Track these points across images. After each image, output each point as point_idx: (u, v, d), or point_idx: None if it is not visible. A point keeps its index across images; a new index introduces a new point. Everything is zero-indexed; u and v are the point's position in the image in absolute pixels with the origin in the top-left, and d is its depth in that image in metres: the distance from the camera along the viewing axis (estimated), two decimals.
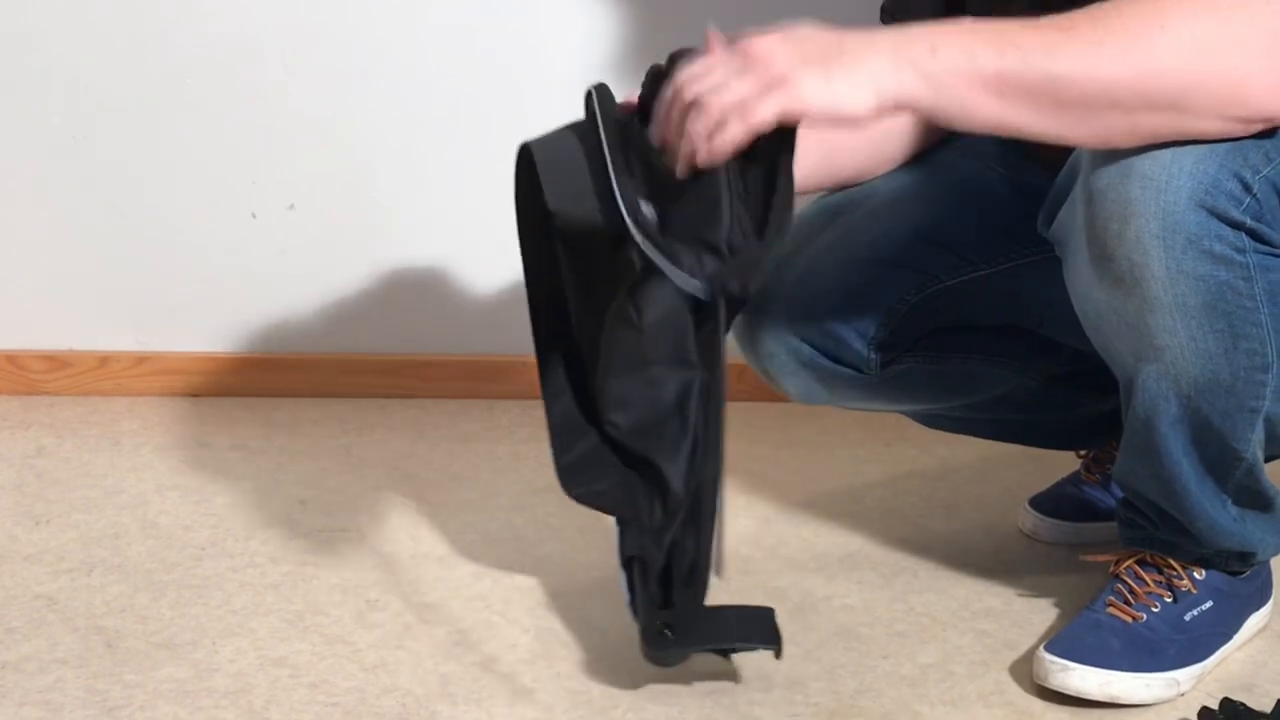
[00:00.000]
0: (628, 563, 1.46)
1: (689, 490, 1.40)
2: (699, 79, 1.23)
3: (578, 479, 1.47)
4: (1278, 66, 1.22)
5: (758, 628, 1.44)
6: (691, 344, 1.34)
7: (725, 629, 1.44)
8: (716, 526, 1.35)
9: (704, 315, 1.30)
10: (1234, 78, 1.22)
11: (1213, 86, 1.23)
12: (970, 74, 1.21)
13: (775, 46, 1.21)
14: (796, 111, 1.20)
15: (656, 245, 1.26)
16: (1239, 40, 1.21)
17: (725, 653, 1.46)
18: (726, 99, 1.21)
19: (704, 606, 1.43)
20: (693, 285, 1.25)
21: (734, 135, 1.21)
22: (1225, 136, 1.26)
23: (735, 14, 1.36)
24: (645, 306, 1.33)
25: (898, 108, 1.22)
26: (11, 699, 1.45)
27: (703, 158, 1.23)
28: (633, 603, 1.46)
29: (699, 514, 1.39)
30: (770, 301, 1.59)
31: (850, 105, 1.21)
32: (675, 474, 1.40)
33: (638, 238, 1.26)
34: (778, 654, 1.44)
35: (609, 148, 1.29)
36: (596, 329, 1.41)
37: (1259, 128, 1.26)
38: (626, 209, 1.27)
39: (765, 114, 1.20)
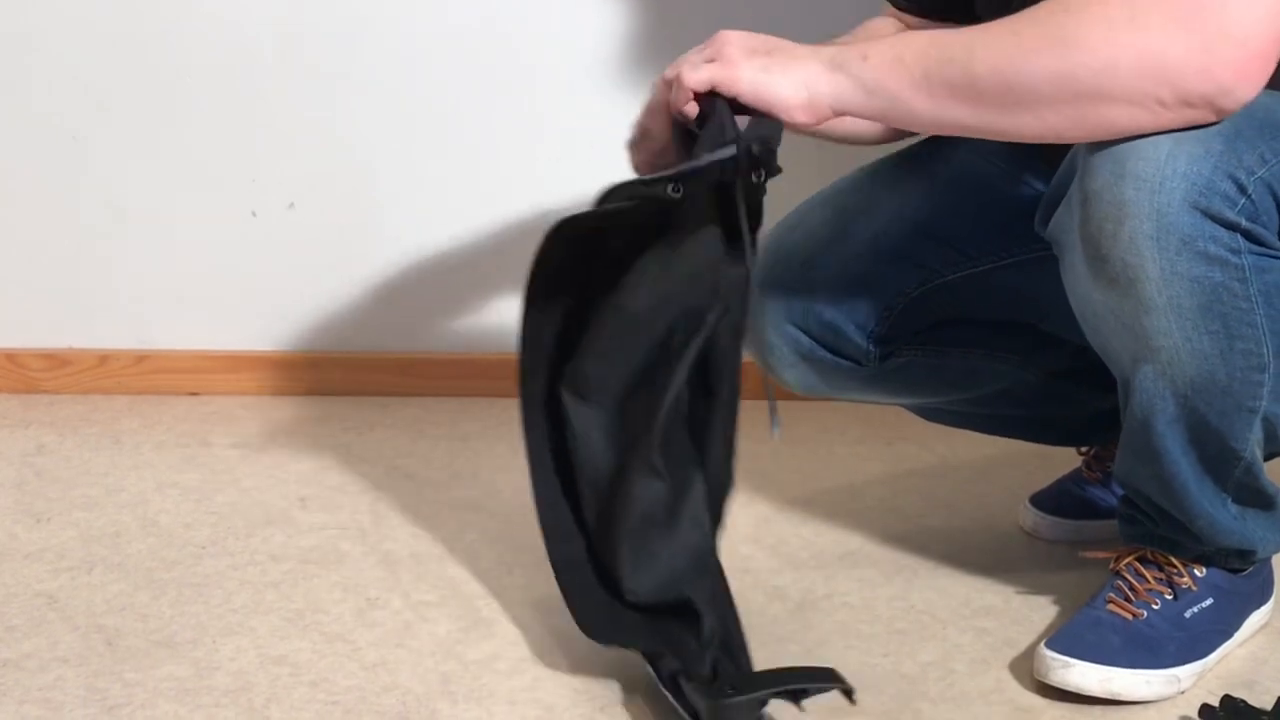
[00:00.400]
0: (670, 680, 1.41)
1: (718, 608, 1.41)
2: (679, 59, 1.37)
3: (603, 635, 1.47)
4: (1193, 43, 1.21)
5: (822, 673, 1.39)
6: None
7: (788, 676, 1.39)
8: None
9: (733, 255, 1.35)
10: (1144, 55, 1.22)
11: (1123, 66, 1.22)
12: (898, 76, 1.29)
13: (735, 36, 1.35)
14: (727, 84, 1.32)
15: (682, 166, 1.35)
16: (1148, 19, 1.21)
17: (796, 696, 1.37)
18: (683, 67, 1.36)
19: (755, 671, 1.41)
20: (723, 153, 1.32)
21: (682, 92, 1.35)
22: (1161, 127, 1.25)
23: (736, 14, 1.37)
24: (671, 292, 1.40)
25: (835, 110, 1.32)
26: (12, 697, 1.45)
27: (672, 108, 1.37)
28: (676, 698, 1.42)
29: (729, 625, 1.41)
30: (770, 294, 1.59)
31: (779, 96, 1.31)
32: (704, 605, 1.41)
33: (669, 173, 1.34)
34: (851, 696, 1.36)
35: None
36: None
37: (1207, 115, 1.24)
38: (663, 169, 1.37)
39: (701, 77, 1.33)
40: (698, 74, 1.34)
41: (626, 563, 1.44)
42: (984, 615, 1.61)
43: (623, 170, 1.44)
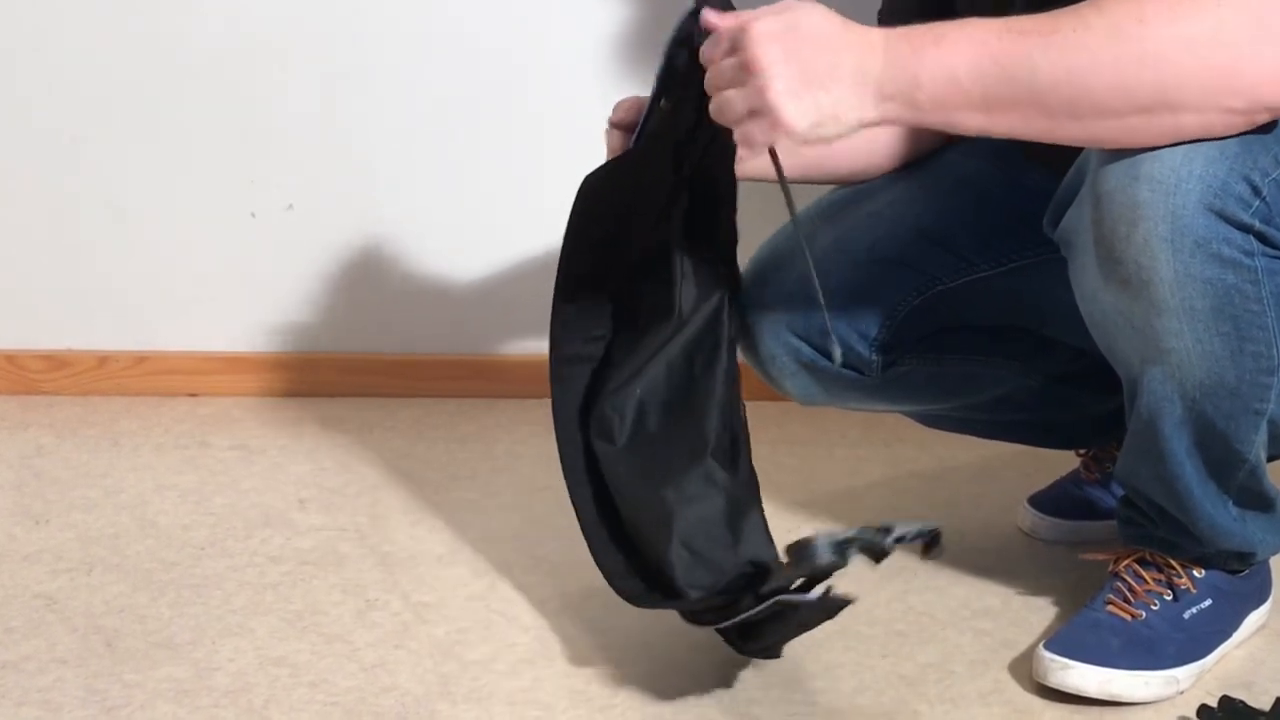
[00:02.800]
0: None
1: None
2: (711, 67, 1.28)
3: (648, 602, 1.46)
4: (1268, 53, 1.20)
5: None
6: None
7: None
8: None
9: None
10: (1223, 68, 1.21)
11: (1201, 80, 1.21)
12: (954, 98, 1.23)
13: (774, 62, 1.23)
14: (782, 137, 1.25)
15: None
16: (1224, 28, 1.20)
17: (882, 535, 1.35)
18: (729, 114, 1.26)
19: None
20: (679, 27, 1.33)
21: (745, 147, 1.29)
22: (1230, 131, 1.25)
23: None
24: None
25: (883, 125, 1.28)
26: (11, 698, 1.45)
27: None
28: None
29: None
30: (770, 303, 1.59)
31: (832, 133, 1.25)
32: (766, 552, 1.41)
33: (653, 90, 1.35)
34: (938, 540, 1.33)
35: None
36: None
37: (1265, 118, 1.24)
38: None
39: (761, 142, 1.26)
40: (759, 138, 1.26)
41: (677, 567, 1.43)
42: (983, 616, 1.61)
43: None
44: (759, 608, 1.37)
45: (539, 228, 2.24)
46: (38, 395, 2.27)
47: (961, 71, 1.23)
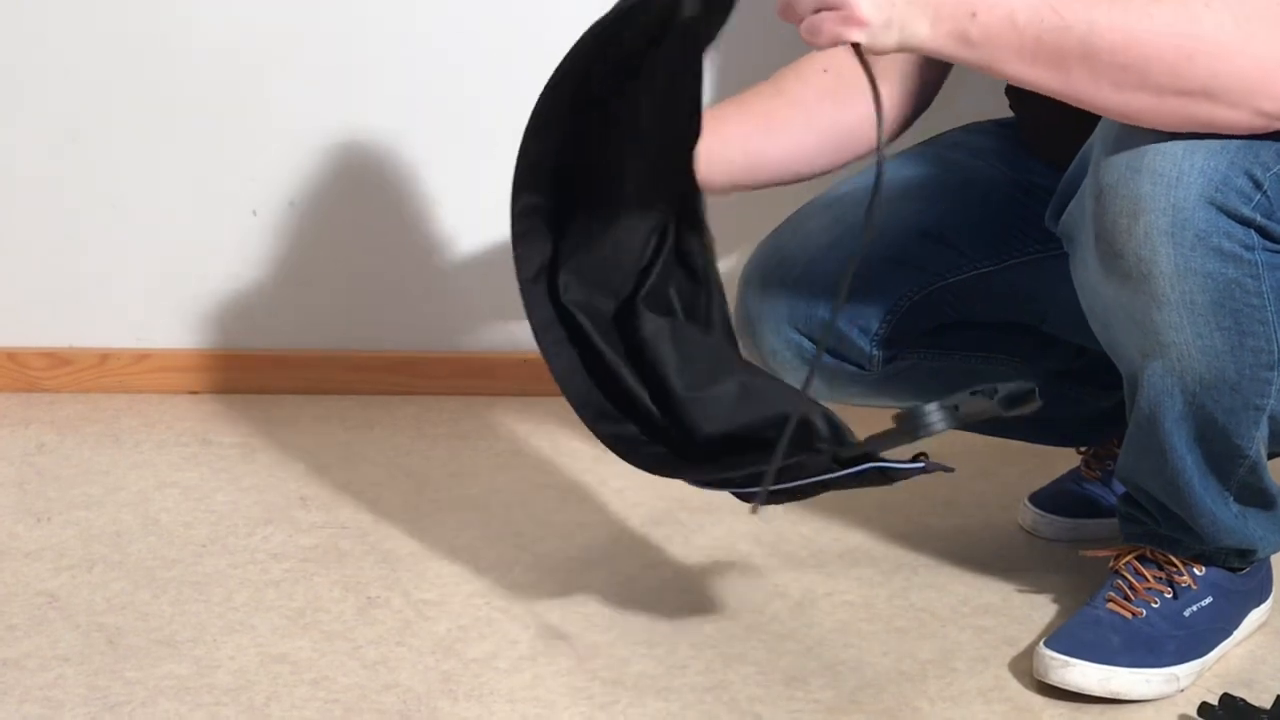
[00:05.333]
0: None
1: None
2: None
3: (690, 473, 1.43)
4: None
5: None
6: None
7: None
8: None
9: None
10: (1271, 69, 1.21)
11: (1250, 77, 1.21)
12: (1008, 41, 1.22)
13: None
14: (855, 32, 1.23)
15: None
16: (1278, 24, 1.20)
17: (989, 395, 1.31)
18: (799, 8, 1.25)
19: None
20: None
21: (809, 41, 1.26)
22: (1250, 131, 1.25)
23: (740, 13, 1.36)
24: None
25: (908, 50, 1.26)
26: (13, 696, 1.45)
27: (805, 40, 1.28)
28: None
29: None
30: (772, 298, 1.59)
31: (893, 42, 1.24)
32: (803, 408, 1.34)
33: None
34: (1034, 394, 1.28)
35: None
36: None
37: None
38: None
39: (829, 36, 1.24)
40: (831, 35, 1.23)
41: (693, 416, 1.39)
42: (983, 614, 1.61)
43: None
44: (847, 472, 1.34)
45: None
46: (39, 393, 2.27)
47: (1020, 12, 1.22)
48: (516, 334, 2.27)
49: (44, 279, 2.27)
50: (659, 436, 1.42)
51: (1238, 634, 1.52)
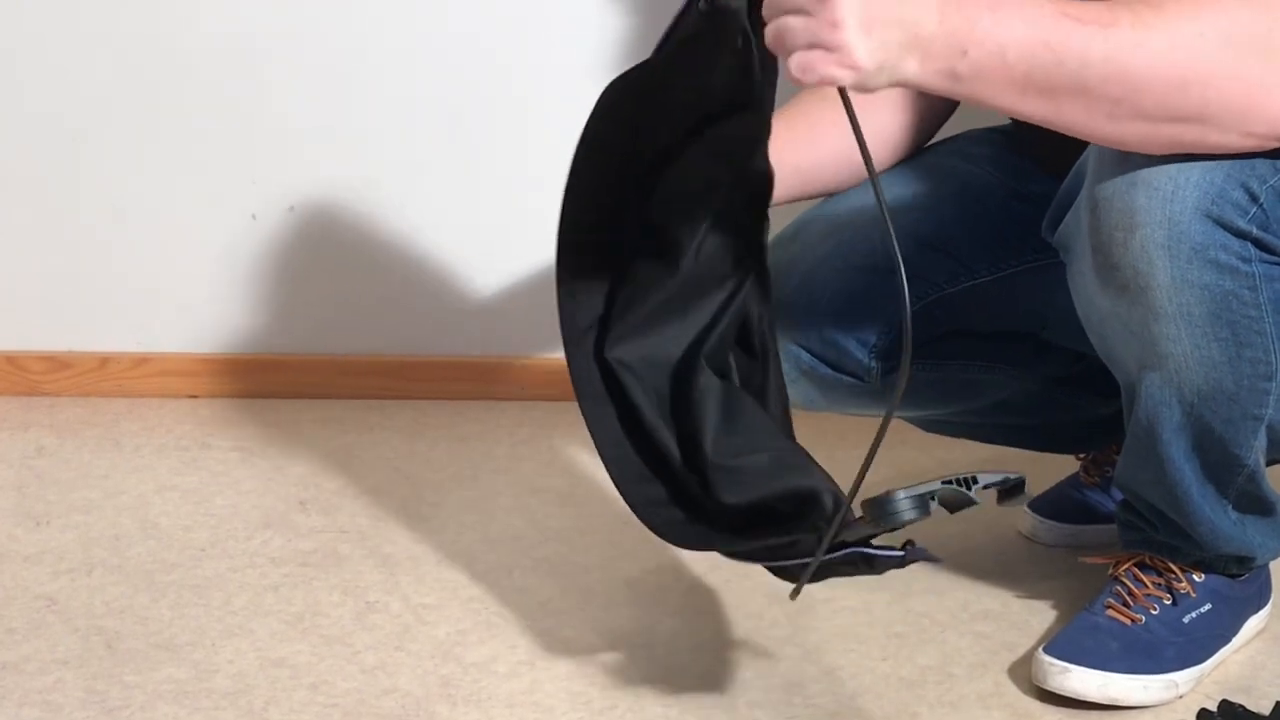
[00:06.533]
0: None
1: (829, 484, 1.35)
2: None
3: (700, 544, 1.43)
4: None
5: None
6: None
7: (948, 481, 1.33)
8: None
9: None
10: (1261, 94, 1.20)
11: (1240, 103, 1.21)
12: (999, 76, 1.20)
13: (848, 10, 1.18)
14: (846, 74, 1.19)
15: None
16: (1272, 53, 1.19)
17: (966, 485, 1.33)
18: (789, 42, 1.19)
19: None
20: None
21: (797, 78, 1.21)
22: (1241, 151, 1.25)
23: None
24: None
25: (899, 85, 1.23)
26: (11, 699, 1.45)
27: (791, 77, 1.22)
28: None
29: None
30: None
31: (885, 81, 1.21)
32: (817, 484, 1.35)
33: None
34: (1023, 487, 1.31)
35: None
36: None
37: (1275, 144, 1.24)
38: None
39: (819, 76, 1.19)
40: (817, 75, 1.18)
41: (715, 481, 1.37)
42: (982, 619, 1.61)
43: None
44: (831, 555, 1.33)
45: (541, 229, 2.23)
46: (39, 396, 2.27)
47: (1011, 49, 1.19)
48: (516, 338, 2.27)
49: (44, 282, 2.27)
50: (681, 499, 1.41)
51: (1237, 640, 1.52)
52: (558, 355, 1.47)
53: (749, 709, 1.45)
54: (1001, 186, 1.62)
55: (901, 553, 1.32)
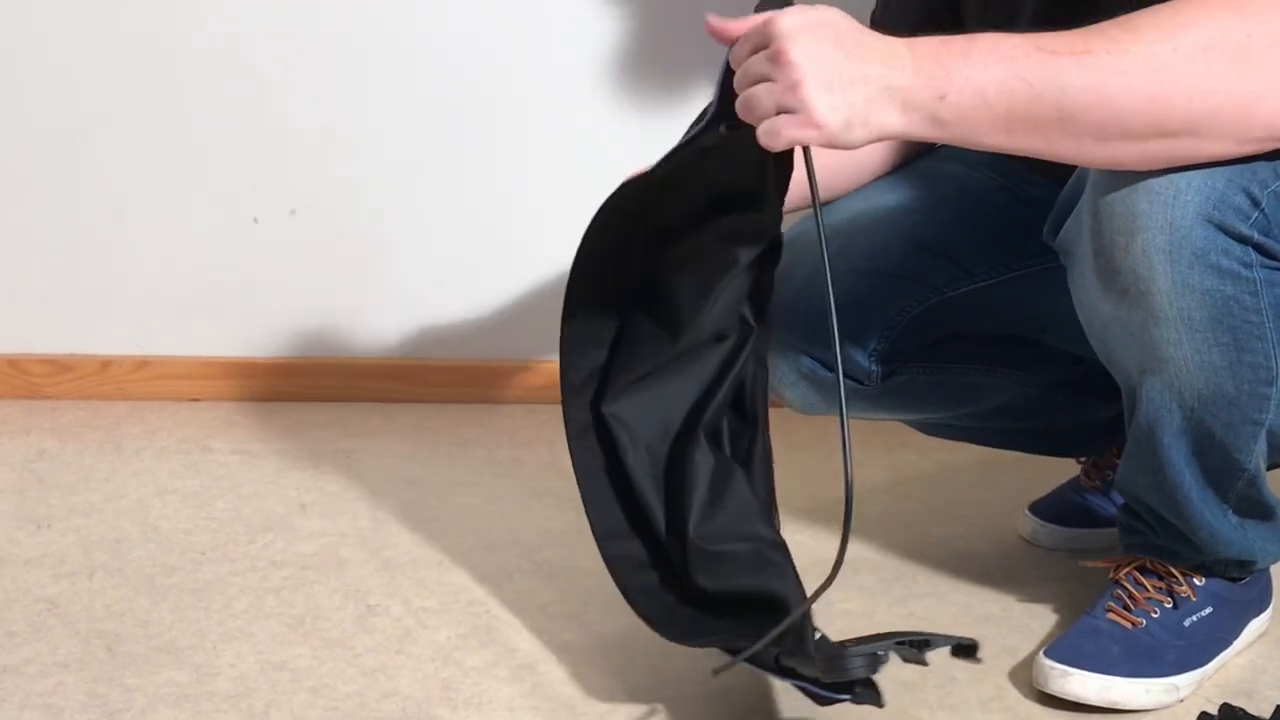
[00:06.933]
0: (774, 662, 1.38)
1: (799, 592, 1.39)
2: (739, 65, 1.24)
3: (678, 635, 1.44)
4: None
5: (940, 638, 1.35)
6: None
7: (906, 633, 1.35)
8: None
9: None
10: (1250, 100, 1.20)
11: (1229, 111, 1.21)
12: (979, 115, 1.21)
13: (806, 56, 1.20)
14: (813, 134, 1.21)
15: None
16: (1250, 61, 1.19)
17: (920, 646, 1.33)
18: (757, 110, 1.22)
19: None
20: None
21: (766, 144, 1.23)
22: (1240, 156, 1.25)
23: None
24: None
25: (885, 138, 1.24)
26: (12, 702, 1.45)
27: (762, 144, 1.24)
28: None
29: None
30: (771, 314, 1.58)
31: (859, 138, 1.22)
32: (788, 590, 1.39)
33: (711, 113, 1.31)
34: (974, 653, 1.33)
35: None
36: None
37: (1273, 146, 1.24)
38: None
39: (788, 138, 1.21)
40: (784, 137, 1.20)
41: (693, 561, 1.41)
42: (983, 623, 1.61)
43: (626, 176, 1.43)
44: (785, 679, 1.37)
45: (542, 233, 2.24)
46: (40, 399, 2.27)
47: (989, 88, 1.20)
48: (517, 341, 2.27)
49: (45, 286, 2.27)
50: (657, 562, 1.45)
51: (1237, 644, 1.52)
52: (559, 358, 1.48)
53: (749, 712, 1.45)
54: (1001, 190, 1.62)
55: (849, 697, 1.34)
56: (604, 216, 1.40)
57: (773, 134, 1.21)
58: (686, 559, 1.42)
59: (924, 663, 1.31)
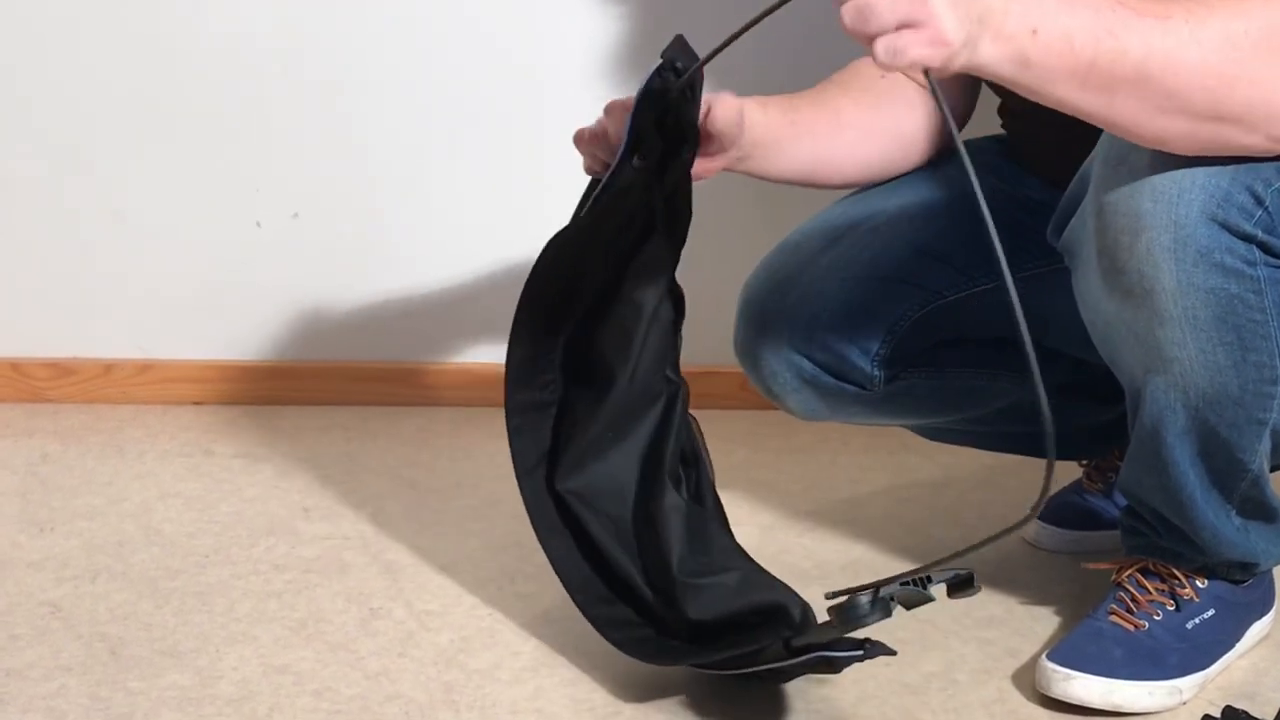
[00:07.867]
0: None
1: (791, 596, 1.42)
2: None
3: (675, 660, 1.47)
4: None
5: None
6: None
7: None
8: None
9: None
10: None
11: (1275, 102, 1.21)
12: (1063, 64, 1.17)
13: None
14: (940, 52, 1.12)
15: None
16: None
17: (923, 584, 1.31)
18: (874, 22, 1.12)
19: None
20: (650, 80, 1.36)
21: (886, 63, 1.13)
22: (1263, 155, 1.25)
23: (734, 20, 1.36)
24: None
25: (966, 70, 1.17)
26: (15, 705, 1.45)
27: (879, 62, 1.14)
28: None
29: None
30: (772, 320, 1.59)
31: (961, 61, 1.15)
32: (781, 597, 1.42)
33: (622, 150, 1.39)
34: (971, 583, 1.30)
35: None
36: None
37: None
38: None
39: (911, 58, 1.12)
40: (911, 56, 1.10)
41: (681, 596, 1.44)
42: (986, 626, 1.61)
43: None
44: (797, 660, 1.38)
45: (544, 236, 2.24)
46: (43, 403, 2.27)
47: (1077, 34, 1.17)
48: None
49: (48, 289, 2.27)
50: (648, 615, 1.48)
51: (1240, 646, 1.52)
52: None
53: (751, 715, 1.45)
54: (1001, 194, 1.62)
55: (861, 651, 1.37)
56: (536, 278, 1.49)
57: (897, 52, 1.11)
58: (675, 599, 1.44)
59: (931, 598, 1.30)
